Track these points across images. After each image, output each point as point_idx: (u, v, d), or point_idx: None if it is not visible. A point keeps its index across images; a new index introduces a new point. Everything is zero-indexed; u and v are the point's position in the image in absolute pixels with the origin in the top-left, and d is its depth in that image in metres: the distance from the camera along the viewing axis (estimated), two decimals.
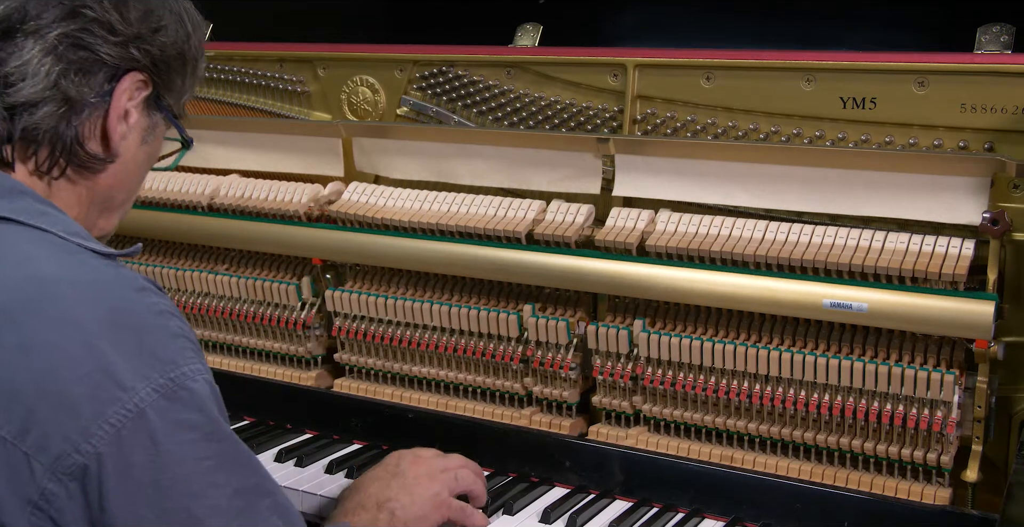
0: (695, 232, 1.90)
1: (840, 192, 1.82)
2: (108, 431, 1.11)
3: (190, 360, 1.19)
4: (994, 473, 1.78)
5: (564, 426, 2.01)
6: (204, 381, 1.20)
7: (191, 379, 1.18)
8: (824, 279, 1.77)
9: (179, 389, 1.16)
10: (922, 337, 1.75)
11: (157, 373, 1.15)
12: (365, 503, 1.63)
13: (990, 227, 1.69)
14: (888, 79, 1.82)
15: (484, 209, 2.08)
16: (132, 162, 1.36)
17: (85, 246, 1.24)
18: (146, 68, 1.32)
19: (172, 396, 1.15)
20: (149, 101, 1.34)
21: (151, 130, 1.37)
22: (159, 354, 1.17)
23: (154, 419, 1.14)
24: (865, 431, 1.78)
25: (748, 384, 1.84)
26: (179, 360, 1.18)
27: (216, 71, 2.50)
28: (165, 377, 1.16)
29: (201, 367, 1.21)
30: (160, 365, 1.16)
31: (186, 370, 1.18)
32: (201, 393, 1.19)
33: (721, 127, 1.97)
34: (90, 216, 1.36)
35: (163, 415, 1.14)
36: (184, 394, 1.16)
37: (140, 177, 1.41)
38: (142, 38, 1.30)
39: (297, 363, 2.32)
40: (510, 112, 2.16)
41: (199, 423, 1.18)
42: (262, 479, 1.25)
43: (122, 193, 1.39)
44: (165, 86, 1.35)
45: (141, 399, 1.13)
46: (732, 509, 1.78)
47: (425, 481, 1.68)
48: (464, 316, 2.05)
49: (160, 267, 2.42)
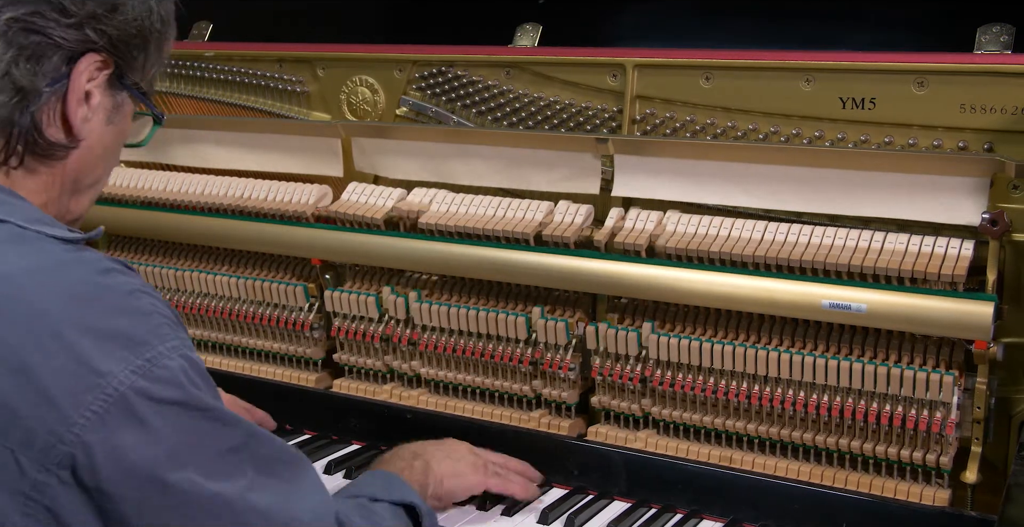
0: (694, 232, 1.89)
1: (839, 192, 1.82)
2: (91, 418, 1.12)
3: (166, 337, 1.19)
4: (993, 474, 1.78)
5: (563, 426, 2.00)
6: (181, 357, 1.20)
7: (167, 357, 1.18)
8: (823, 280, 1.77)
9: (156, 368, 1.16)
10: (921, 338, 1.75)
11: (133, 354, 1.16)
12: (402, 454, 1.69)
13: (989, 228, 1.69)
14: (887, 79, 1.82)
15: (484, 209, 2.08)
16: (99, 144, 1.32)
17: (46, 233, 1.22)
18: (104, 48, 1.27)
19: (150, 375, 1.16)
20: (112, 80, 1.30)
21: (116, 110, 1.33)
22: (133, 335, 1.17)
23: (135, 400, 1.14)
24: (864, 432, 1.78)
25: (747, 385, 1.83)
26: (153, 339, 1.18)
27: (215, 71, 2.50)
28: (142, 358, 1.16)
29: (178, 343, 1.20)
30: (135, 346, 1.16)
31: (162, 349, 1.18)
32: (178, 368, 1.18)
33: (720, 127, 1.97)
34: (61, 201, 1.33)
35: (144, 394, 1.15)
36: (162, 373, 1.17)
37: (109, 158, 1.38)
38: (97, 18, 1.26)
39: (299, 364, 2.31)
40: (509, 112, 2.16)
41: (179, 398, 1.18)
42: (244, 437, 1.25)
43: (91, 176, 1.35)
44: (127, 64, 1.31)
45: (120, 382, 1.14)
46: (731, 510, 1.78)
47: (465, 450, 1.77)
48: (463, 317, 2.05)
49: (160, 267, 2.42)
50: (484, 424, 2.04)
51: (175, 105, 2.58)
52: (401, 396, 2.16)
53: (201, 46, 2.56)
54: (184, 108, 2.57)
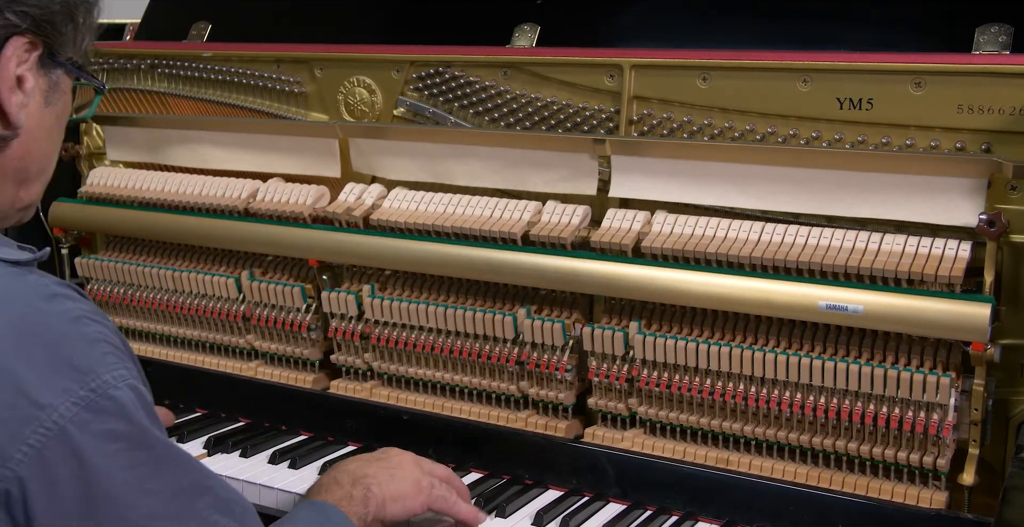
0: (691, 233, 1.89)
1: (836, 193, 1.81)
2: (27, 453, 1.08)
3: (112, 366, 1.15)
4: (991, 476, 1.77)
5: (560, 428, 2.00)
6: (127, 387, 1.15)
7: (113, 387, 1.13)
8: (820, 281, 1.76)
9: (101, 399, 1.12)
10: (918, 339, 1.74)
11: (76, 385, 1.11)
12: (340, 479, 1.58)
13: (986, 229, 1.68)
14: (885, 80, 1.81)
15: (480, 210, 2.07)
16: (40, 128, 1.27)
17: None
18: (28, 30, 1.22)
19: (94, 408, 1.11)
20: (43, 60, 1.25)
21: (53, 89, 1.28)
22: (77, 364, 1.12)
23: (76, 434, 1.10)
24: (861, 434, 1.77)
25: (743, 386, 1.83)
26: (99, 368, 1.13)
27: (213, 72, 2.50)
28: (86, 388, 1.11)
29: (124, 372, 1.16)
30: (79, 376, 1.12)
31: (107, 378, 1.13)
32: (125, 400, 1.14)
33: (717, 128, 1.96)
34: (6, 192, 1.28)
35: (86, 428, 1.10)
36: (107, 404, 1.12)
37: (55, 139, 1.33)
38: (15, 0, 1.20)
39: (295, 364, 2.31)
40: (507, 113, 2.15)
41: (125, 432, 1.14)
42: (200, 477, 1.22)
43: (37, 162, 1.30)
44: (56, 41, 1.25)
45: (60, 415, 1.09)
46: (726, 512, 1.77)
47: (409, 466, 1.65)
48: (460, 317, 2.04)
49: (158, 268, 2.41)
50: (480, 426, 2.04)
51: (173, 105, 2.58)
52: (398, 398, 2.15)
53: (199, 46, 2.55)
54: (182, 108, 2.57)
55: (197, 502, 1.20)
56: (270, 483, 1.90)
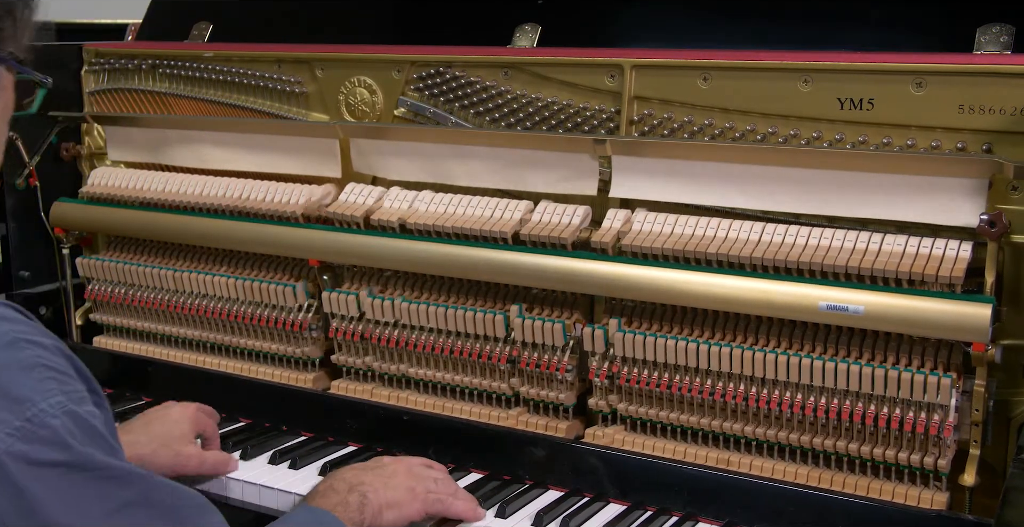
0: (691, 234, 1.89)
1: (837, 193, 1.81)
2: None
3: (48, 393, 1.13)
4: (992, 477, 1.76)
5: (560, 428, 2.00)
6: (65, 413, 1.13)
7: (50, 415, 1.12)
8: (820, 281, 1.76)
9: (38, 428, 1.11)
10: (919, 340, 1.74)
11: (12, 415, 1.10)
12: (336, 486, 1.60)
13: (987, 229, 1.68)
14: (886, 80, 1.81)
15: (480, 210, 2.07)
16: None
17: None
18: None
19: (30, 437, 1.10)
20: None
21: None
22: (12, 392, 1.11)
23: (11, 465, 1.09)
24: (861, 434, 1.77)
25: (744, 387, 1.83)
26: (35, 396, 1.12)
27: (214, 72, 2.50)
28: (21, 419, 1.10)
29: (62, 399, 1.14)
30: (14, 406, 1.10)
31: (44, 406, 1.12)
32: (60, 427, 1.13)
33: (718, 128, 1.96)
34: None
35: (23, 458, 1.09)
36: (44, 432, 1.11)
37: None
38: None
39: (296, 365, 2.31)
40: (507, 113, 2.15)
41: (62, 460, 1.12)
42: (142, 489, 1.20)
43: None
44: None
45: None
46: (726, 513, 1.76)
47: (403, 475, 1.67)
48: (460, 318, 2.04)
49: (159, 268, 2.41)
50: (481, 426, 2.03)
51: (174, 106, 2.58)
52: (399, 398, 2.15)
53: (200, 47, 2.55)
54: (183, 109, 2.56)
55: (141, 515, 1.19)
56: (270, 483, 1.90)
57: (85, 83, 2.67)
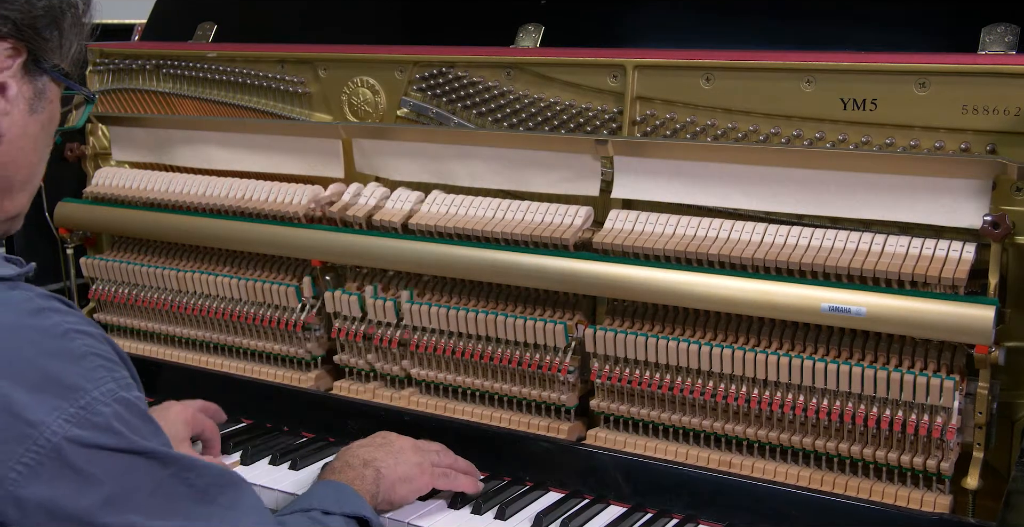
0: (693, 234, 1.88)
1: (840, 194, 1.80)
2: (23, 472, 1.10)
3: (100, 381, 1.16)
4: (996, 480, 1.75)
5: (562, 430, 1.99)
6: (115, 400, 1.17)
7: (102, 403, 1.16)
8: (823, 283, 1.75)
9: (92, 416, 1.14)
10: (922, 342, 1.73)
11: (67, 402, 1.13)
12: (351, 462, 1.70)
13: (991, 230, 1.66)
14: (889, 80, 1.80)
15: (482, 211, 2.07)
16: (24, 137, 1.25)
17: None
18: (10, 35, 1.20)
19: (84, 423, 1.13)
20: (27, 66, 1.23)
21: (39, 97, 1.26)
22: (66, 382, 1.14)
23: (70, 449, 1.12)
24: (864, 437, 1.76)
25: (746, 388, 1.82)
26: (87, 385, 1.15)
27: (218, 72, 2.50)
28: (76, 406, 1.13)
29: (113, 386, 1.18)
30: (68, 393, 1.13)
31: (96, 394, 1.16)
32: (113, 415, 1.16)
33: (721, 128, 1.95)
34: None
35: (79, 442, 1.13)
36: (98, 419, 1.15)
37: (41, 149, 1.30)
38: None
39: (297, 365, 2.31)
40: (510, 113, 2.15)
41: (115, 444, 1.16)
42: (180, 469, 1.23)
43: (22, 171, 1.28)
44: (41, 47, 1.24)
45: (53, 432, 1.11)
46: (727, 515, 1.76)
47: (409, 452, 1.78)
48: (461, 318, 2.04)
49: (162, 268, 2.41)
50: (481, 427, 2.03)
51: (178, 106, 2.58)
52: (401, 399, 2.14)
53: (203, 47, 2.55)
54: (187, 109, 2.57)
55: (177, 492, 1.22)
56: (270, 484, 1.90)
57: (89, 83, 2.67)
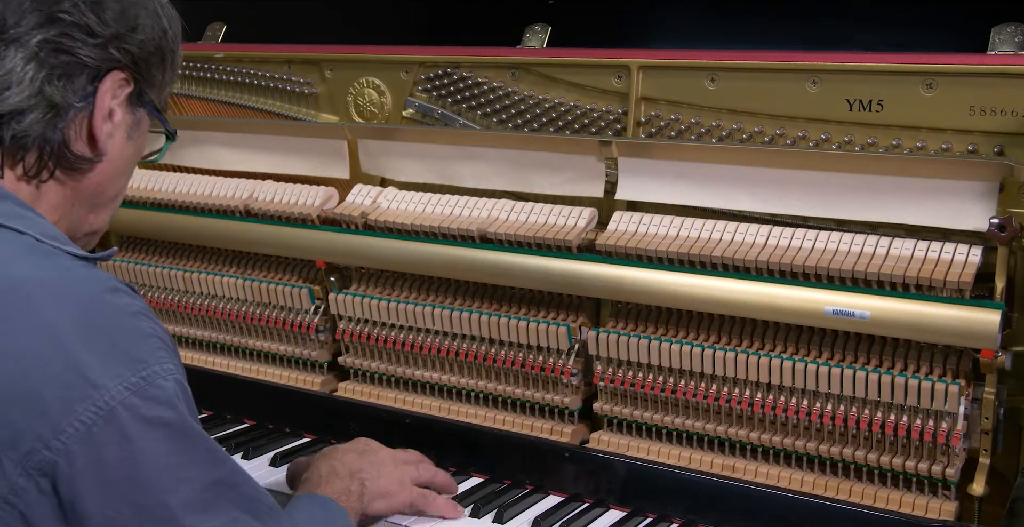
0: (697, 236, 1.86)
1: (845, 196, 1.78)
2: (79, 428, 1.12)
3: (162, 359, 1.20)
4: (1002, 486, 1.73)
5: (565, 433, 1.97)
6: (175, 380, 1.21)
7: (162, 377, 1.19)
8: (826, 286, 1.73)
9: (150, 387, 1.17)
10: (927, 346, 1.70)
11: (129, 371, 1.16)
12: (339, 471, 1.67)
13: (998, 233, 1.64)
14: (895, 81, 1.78)
15: (486, 212, 2.06)
16: (119, 159, 1.37)
17: (61, 249, 1.25)
18: (127, 66, 1.33)
19: (143, 394, 1.16)
20: (132, 98, 1.36)
21: (136, 126, 1.39)
22: (131, 353, 1.18)
23: (125, 416, 1.14)
24: (868, 442, 1.74)
25: (749, 392, 1.80)
26: (150, 359, 1.19)
27: (225, 73, 2.50)
28: (137, 375, 1.17)
29: (172, 367, 1.22)
30: (132, 363, 1.17)
31: (157, 369, 1.19)
32: (171, 391, 1.20)
33: (726, 129, 1.93)
34: (77, 214, 1.37)
35: (134, 412, 1.15)
36: (155, 391, 1.17)
37: (128, 173, 1.43)
38: (120, 38, 1.31)
39: (305, 366, 2.30)
40: (514, 114, 2.14)
41: (170, 420, 1.18)
42: (230, 473, 1.26)
43: (111, 190, 1.40)
44: (146, 81, 1.37)
45: (112, 397, 1.14)
46: (727, 520, 1.74)
47: (390, 465, 1.75)
48: (463, 320, 2.03)
49: (169, 269, 2.41)
50: (483, 430, 2.02)
51: (186, 106, 2.58)
52: (405, 401, 2.14)
53: (210, 47, 2.55)
54: (194, 109, 2.57)
55: (226, 494, 1.23)
56: (270, 486, 1.89)
57: None
